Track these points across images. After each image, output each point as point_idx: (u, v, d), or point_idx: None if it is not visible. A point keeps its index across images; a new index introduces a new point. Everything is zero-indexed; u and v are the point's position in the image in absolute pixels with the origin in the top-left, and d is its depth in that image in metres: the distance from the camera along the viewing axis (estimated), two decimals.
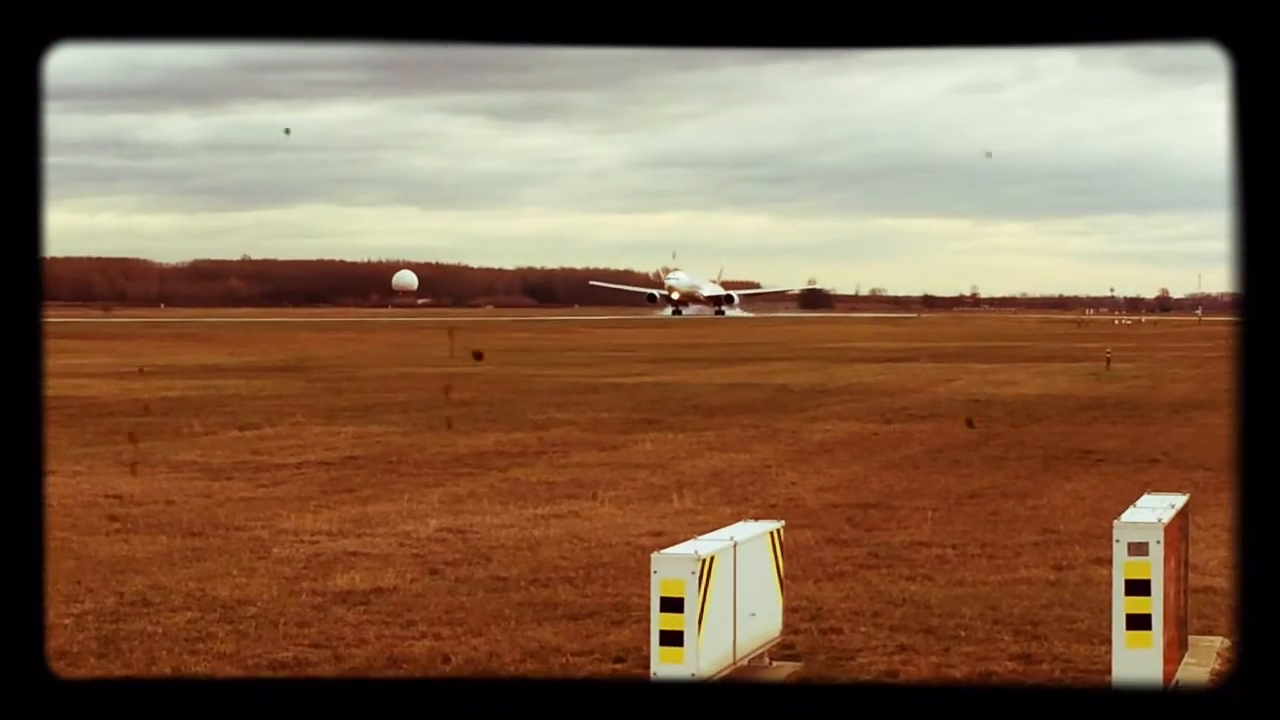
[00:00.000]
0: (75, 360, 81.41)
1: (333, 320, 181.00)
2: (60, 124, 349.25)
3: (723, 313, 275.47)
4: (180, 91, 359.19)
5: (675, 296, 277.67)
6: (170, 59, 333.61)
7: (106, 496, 30.52)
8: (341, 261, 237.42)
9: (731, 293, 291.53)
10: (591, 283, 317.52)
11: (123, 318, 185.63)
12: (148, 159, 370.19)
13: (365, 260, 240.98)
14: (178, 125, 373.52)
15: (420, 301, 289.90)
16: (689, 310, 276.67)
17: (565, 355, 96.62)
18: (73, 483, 32.29)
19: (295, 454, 38.47)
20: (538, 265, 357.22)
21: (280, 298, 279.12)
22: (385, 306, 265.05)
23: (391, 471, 35.15)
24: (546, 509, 29.46)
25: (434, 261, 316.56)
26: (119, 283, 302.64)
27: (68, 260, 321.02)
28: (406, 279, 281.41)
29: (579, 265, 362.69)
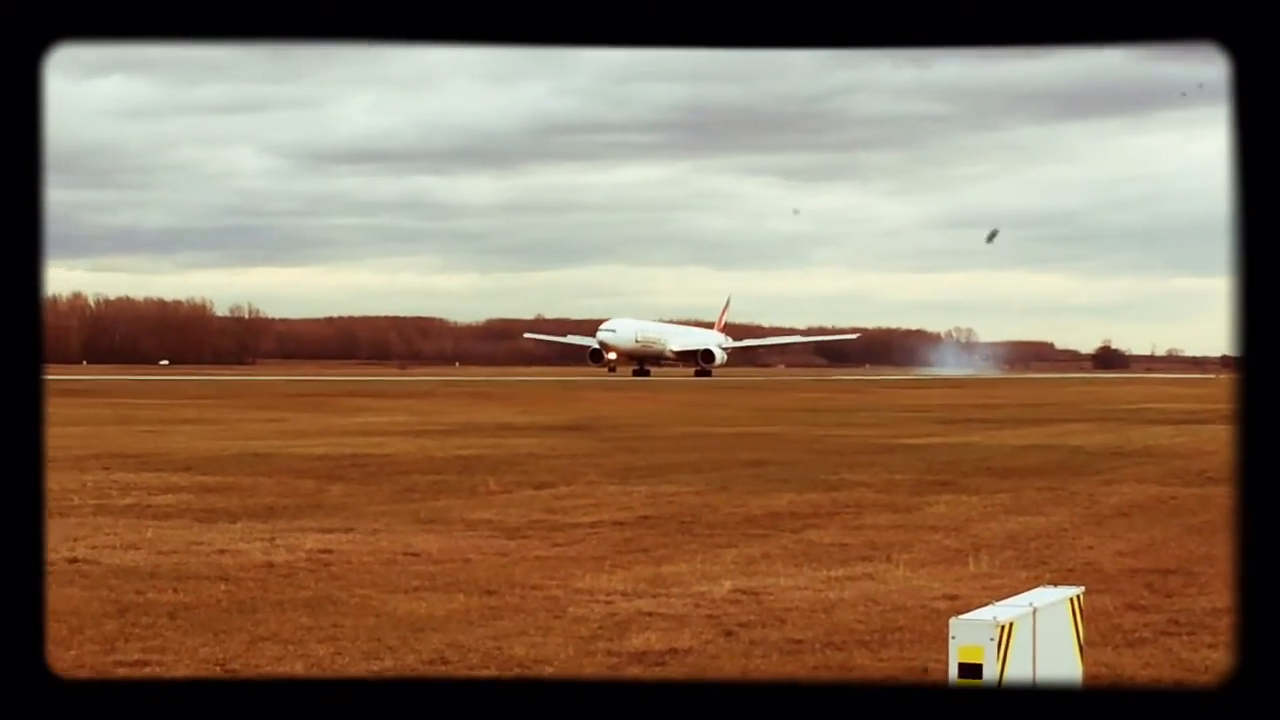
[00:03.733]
0: (373, 419, 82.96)
1: (622, 379, 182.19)
2: (365, 186, 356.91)
3: (707, 373, 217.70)
4: (481, 154, 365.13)
5: (610, 355, 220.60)
6: (471, 122, 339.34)
7: (405, 554, 30.98)
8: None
9: (712, 346, 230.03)
10: (526, 335, 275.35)
11: (419, 375, 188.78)
12: (448, 220, 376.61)
13: (658, 319, 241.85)
14: (478, 187, 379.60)
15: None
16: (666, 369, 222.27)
17: (856, 415, 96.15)
18: (372, 540, 32.85)
19: (589, 513, 38.72)
20: (828, 325, 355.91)
21: (572, 357, 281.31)
22: (675, 365, 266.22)
23: (685, 532, 35.21)
24: (840, 571, 29.29)
25: (727, 322, 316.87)
26: (416, 342, 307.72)
27: (366, 319, 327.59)
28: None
29: (871, 324, 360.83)
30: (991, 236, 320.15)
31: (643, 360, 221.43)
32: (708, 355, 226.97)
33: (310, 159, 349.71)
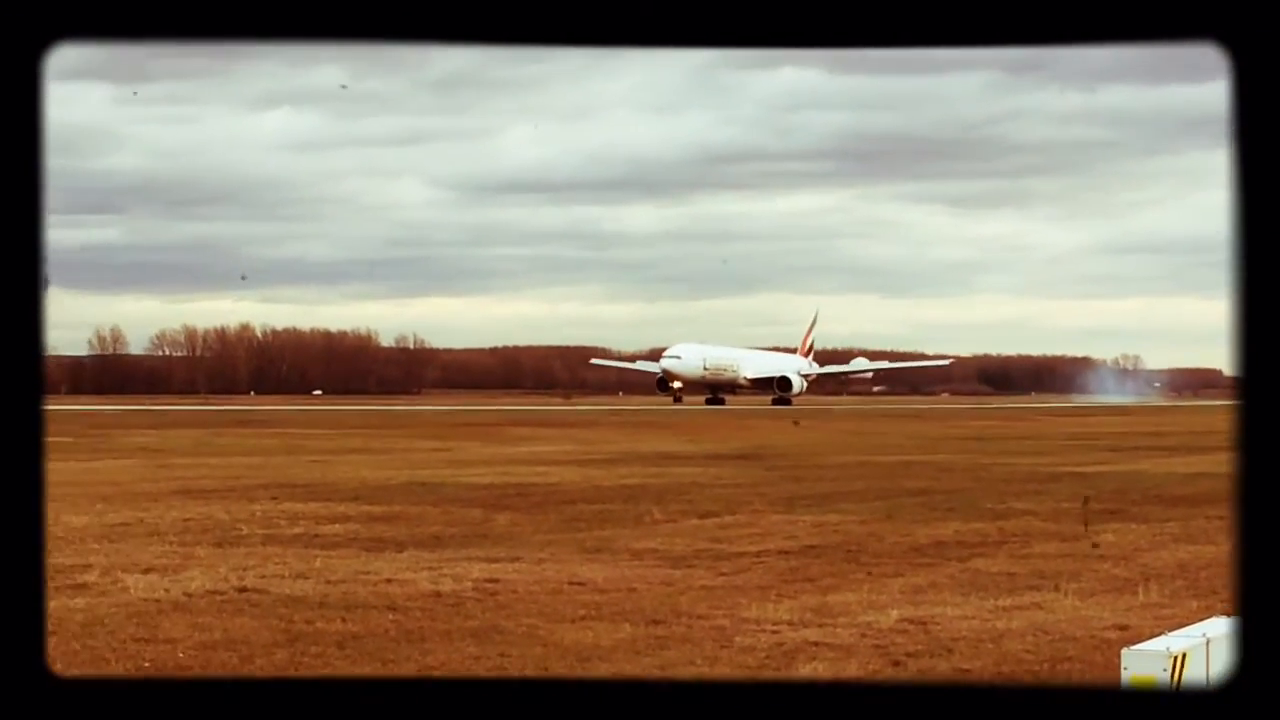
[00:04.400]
0: (538, 448, 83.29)
1: (789, 408, 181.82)
2: (529, 216, 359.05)
3: (787, 401, 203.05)
4: (644, 183, 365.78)
5: (675, 385, 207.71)
6: (634, 152, 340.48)
7: (570, 583, 31.06)
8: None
9: (789, 373, 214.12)
10: (593, 361, 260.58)
11: (583, 405, 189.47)
12: (611, 249, 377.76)
13: (823, 348, 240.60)
14: (641, 216, 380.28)
15: (875, 389, 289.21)
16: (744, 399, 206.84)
17: (1022, 443, 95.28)
18: (538, 569, 32.97)
19: (754, 542, 38.64)
20: (994, 352, 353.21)
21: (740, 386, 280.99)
22: (841, 394, 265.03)
23: (851, 561, 35.05)
24: (1008, 600, 29.03)
25: (890, 349, 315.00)
26: (579, 371, 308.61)
27: (531, 349, 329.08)
28: (861, 366, 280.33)
29: (1036, 352, 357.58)
30: None
31: (714, 388, 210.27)
32: (784, 383, 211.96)
33: (474, 190, 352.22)
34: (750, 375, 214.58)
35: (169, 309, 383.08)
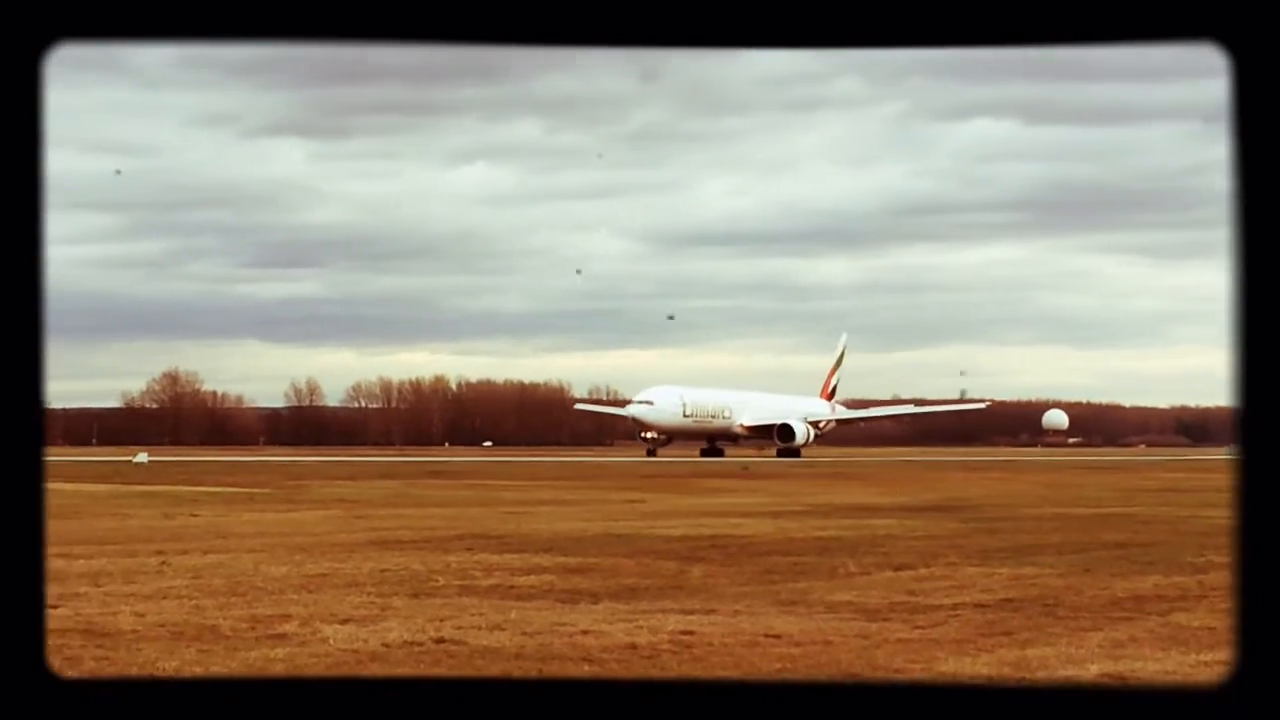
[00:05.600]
0: (732, 499, 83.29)
1: (982, 459, 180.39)
2: (721, 268, 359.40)
3: (794, 452, 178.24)
4: (837, 235, 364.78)
5: (648, 435, 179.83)
6: (827, 204, 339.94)
7: (766, 636, 30.95)
8: (991, 400, 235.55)
9: (792, 420, 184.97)
10: (577, 406, 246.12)
11: (775, 456, 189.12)
12: (803, 301, 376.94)
13: (1015, 399, 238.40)
14: (833, 268, 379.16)
15: (1071, 441, 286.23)
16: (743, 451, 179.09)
17: (1220, 495, 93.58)
18: (733, 622, 32.90)
19: (950, 595, 38.31)
20: (1192, 404, 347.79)
21: (930, 436, 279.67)
22: (1035, 445, 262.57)
23: (1048, 614, 34.63)
24: (1209, 655, 28.52)
25: (1085, 400, 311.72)
26: None
27: None
28: (1057, 418, 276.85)
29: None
30: None
31: (704, 437, 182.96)
32: (786, 431, 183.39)
33: (667, 242, 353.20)
34: (747, 422, 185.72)
35: (364, 361, 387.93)
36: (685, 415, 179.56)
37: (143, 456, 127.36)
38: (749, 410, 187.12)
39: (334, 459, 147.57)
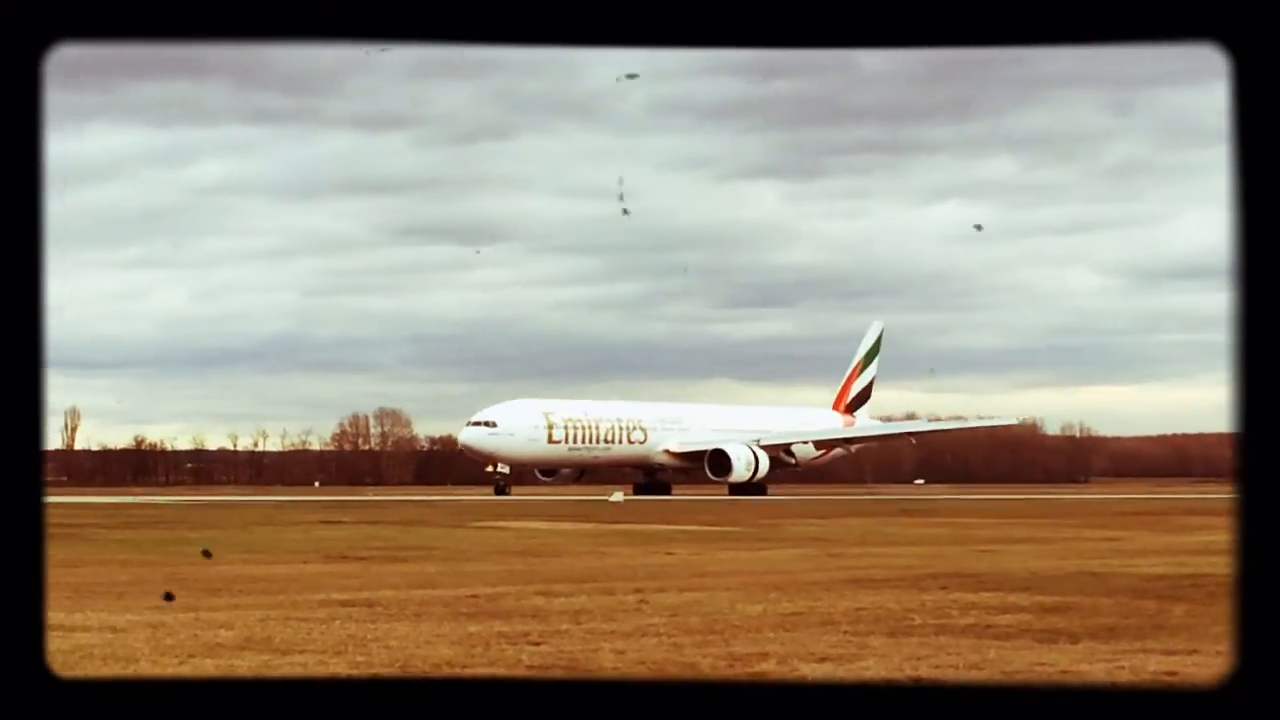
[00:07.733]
0: (1212, 537, 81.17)
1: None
2: (1197, 302, 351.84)
3: (756, 489, 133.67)
4: None
5: (496, 469, 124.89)
6: None
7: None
8: None
9: (728, 447, 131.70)
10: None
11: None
12: None
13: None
14: None
15: None
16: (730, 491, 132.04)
17: None
18: (1215, 663, 31.96)
19: None
20: None
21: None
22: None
23: None
24: None
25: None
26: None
27: (1200, 437, 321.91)
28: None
29: None
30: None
31: (629, 467, 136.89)
32: (720, 460, 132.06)
33: (1143, 276, 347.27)
34: (672, 448, 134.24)
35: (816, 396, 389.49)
36: (551, 441, 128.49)
37: (618, 495, 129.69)
38: (673, 435, 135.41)
39: (803, 497, 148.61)
